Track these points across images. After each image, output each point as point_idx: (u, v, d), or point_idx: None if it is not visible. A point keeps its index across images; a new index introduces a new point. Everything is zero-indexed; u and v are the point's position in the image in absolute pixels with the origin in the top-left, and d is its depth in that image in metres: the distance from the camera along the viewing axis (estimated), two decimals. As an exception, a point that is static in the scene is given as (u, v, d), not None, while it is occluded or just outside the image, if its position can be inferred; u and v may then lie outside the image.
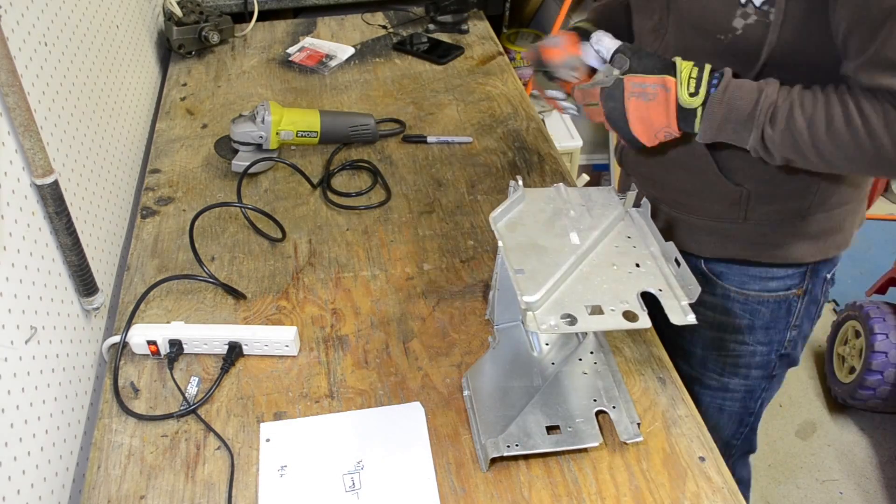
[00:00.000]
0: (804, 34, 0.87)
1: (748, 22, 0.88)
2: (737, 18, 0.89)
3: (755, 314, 1.15)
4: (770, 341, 1.18)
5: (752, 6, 0.87)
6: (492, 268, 1.17)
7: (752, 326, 1.17)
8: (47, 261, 0.98)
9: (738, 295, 1.14)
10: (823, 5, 0.84)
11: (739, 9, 0.88)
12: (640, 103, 0.92)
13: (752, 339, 1.18)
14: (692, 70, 0.90)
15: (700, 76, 0.89)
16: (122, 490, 0.89)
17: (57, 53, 1.13)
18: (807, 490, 2.01)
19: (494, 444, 0.88)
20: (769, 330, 1.17)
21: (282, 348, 1.03)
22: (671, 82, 0.90)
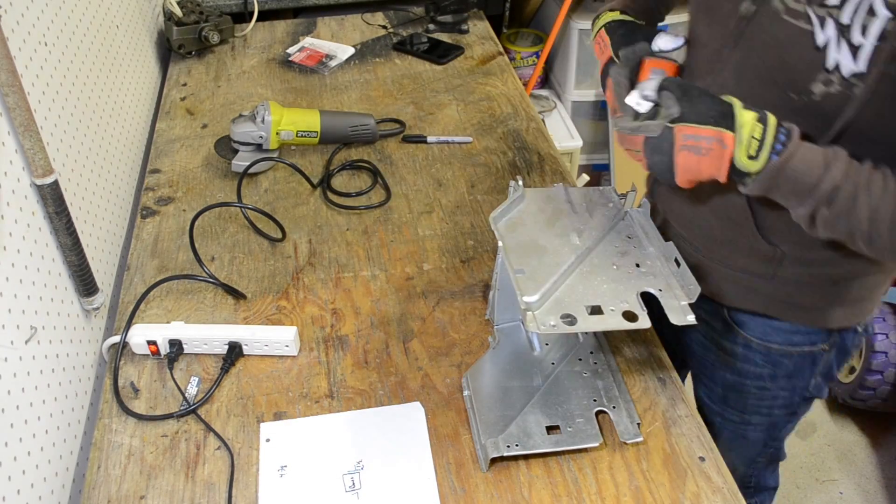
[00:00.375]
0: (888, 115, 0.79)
1: (829, 90, 0.79)
2: (817, 83, 0.79)
3: (777, 365, 1.09)
4: (793, 387, 1.12)
5: (839, 75, 0.77)
6: (492, 268, 1.17)
7: (775, 376, 1.10)
8: (47, 261, 0.98)
9: (760, 346, 1.08)
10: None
11: (823, 74, 0.79)
12: (690, 157, 0.81)
13: (774, 385, 1.12)
14: (755, 128, 0.78)
15: (763, 138, 0.78)
16: (122, 490, 0.89)
17: (57, 53, 1.13)
18: (807, 490, 2.01)
19: (494, 444, 0.88)
20: (792, 378, 1.11)
21: (282, 348, 1.03)
22: (729, 139, 0.78)
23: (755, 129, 0.78)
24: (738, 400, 1.15)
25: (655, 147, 0.82)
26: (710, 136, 0.79)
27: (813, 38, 0.78)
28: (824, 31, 0.77)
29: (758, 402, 1.15)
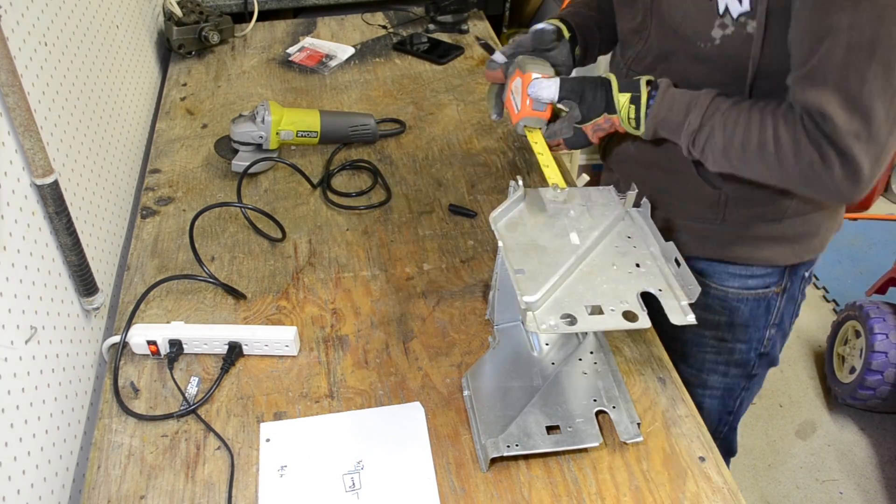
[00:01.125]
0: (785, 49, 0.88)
1: (726, 33, 0.90)
2: (715, 28, 0.90)
3: (734, 312, 1.16)
4: (749, 339, 1.19)
5: (730, 17, 0.89)
6: (492, 268, 1.17)
7: (732, 323, 1.17)
8: (47, 261, 0.98)
9: (718, 292, 1.15)
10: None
11: (718, 19, 0.90)
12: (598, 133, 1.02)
13: (731, 336, 1.19)
14: (629, 109, 0.97)
15: (637, 115, 0.97)
16: (122, 490, 0.89)
17: (57, 53, 1.13)
18: (807, 490, 2.01)
19: (494, 444, 0.88)
20: (748, 328, 1.18)
21: (282, 348, 1.03)
22: (616, 120, 0.99)
23: (630, 110, 0.97)
24: (697, 356, 1.21)
25: (574, 143, 1.03)
26: (604, 122, 0.99)
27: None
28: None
29: (715, 357, 1.21)
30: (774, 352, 1.23)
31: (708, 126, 0.92)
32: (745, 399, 1.29)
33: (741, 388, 1.26)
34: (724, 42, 0.91)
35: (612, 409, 0.94)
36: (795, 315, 1.21)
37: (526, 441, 0.89)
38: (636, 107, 0.96)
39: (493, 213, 0.94)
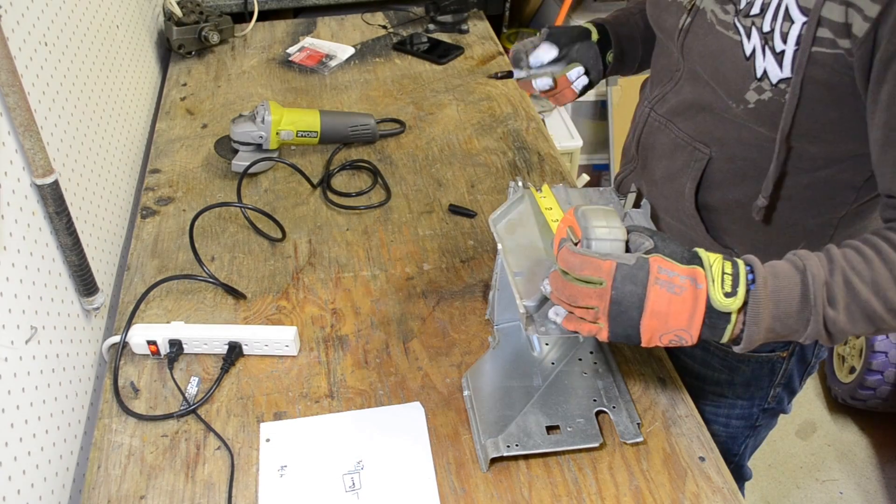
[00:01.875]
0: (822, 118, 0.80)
1: (762, 98, 0.81)
2: (750, 91, 0.81)
3: (735, 371, 1.09)
4: (751, 397, 1.11)
5: (768, 82, 0.79)
6: (492, 268, 1.17)
7: (732, 382, 1.10)
8: (47, 261, 0.98)
9: (718, 350, 1.08)
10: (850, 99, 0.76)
11: (754, 82, 0.80)
12: (662, 294, 0.70)
13: (732, 393, 1.12)
14: (724, 264, 0.71)
15: (736, 272, 0.71)
16: (122, 490, 0.89)
17: (57, 53, 1.13)
18: (807, 490, 2.01)
19: (494, 444, 0.88)
20: (750, 387, 1.10)
21: (282, 348, 1.03)
22: (702, 276, 0.70)
23: (725, 265, 0.72)
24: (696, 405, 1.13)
25: (629, 276, 0.70)
26: (682, 274, 0.70)
27: (742, 48, 0.81)
28: (751, 41, 0.80)
29: (715, 410, 1.14)
30: (781, 406, 1.14)
31: (839, 275, 0.71)
32: (751, 445, 1.21)
33: (745, 437, 1.19)
34: (758, 107, 0.82)
35: (612, 409, 0.94)
36: (809, 373, 1.11)
37: (526, 441, 0.89)
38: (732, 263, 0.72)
39: (493, 214, 0.94)
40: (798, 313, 0.71)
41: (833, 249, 0.73)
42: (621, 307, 0.71)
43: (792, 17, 0.75)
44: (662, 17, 0.95)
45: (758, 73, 0.79)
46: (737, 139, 0.89)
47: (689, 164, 0.95)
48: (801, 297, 0.70)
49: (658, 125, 1.00)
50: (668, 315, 0.70)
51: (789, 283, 0.71)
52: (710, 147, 0.92)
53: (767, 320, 0.71)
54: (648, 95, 1.02)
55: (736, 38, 0.81)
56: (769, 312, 0.70)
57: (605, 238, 0.74)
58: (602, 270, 0.71)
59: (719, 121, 0.89)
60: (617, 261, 0.71)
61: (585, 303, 0.72)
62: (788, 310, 0.71)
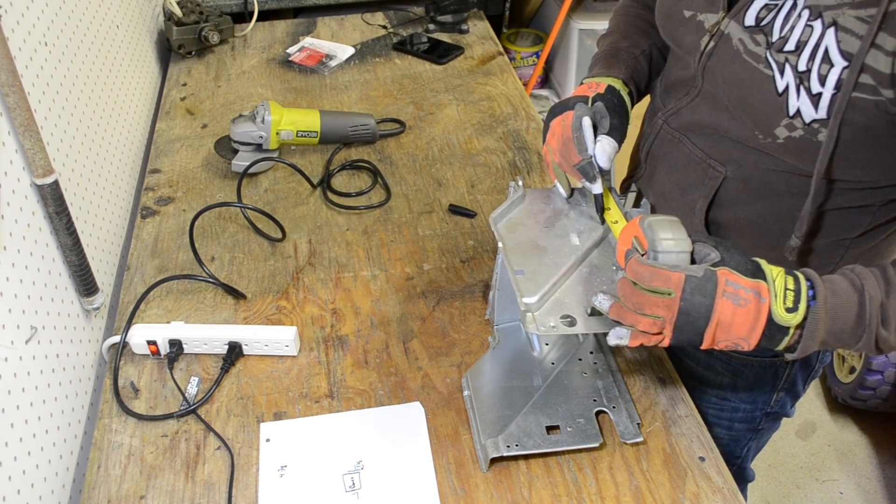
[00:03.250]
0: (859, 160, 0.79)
1: (792, 135, 0.79)
2: (780, 128, 0.79)
3: (738, 375, 1.08)
4: (754, 401, 1.11)
5: (801, 121, 0.77)
6: (492, 268, 1.17)
7: (735, 386, 1.10)
8: (47, 261, 0.98)
9: (721, 354, 1.07)
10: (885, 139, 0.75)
11: (785, 119, 0.78)
12: (728, 306, 0.71)
13: (734, 397, 1.11)
14: (787, 279, 0.73)
15: (798, 288, 0.73)
16: (122, 490, 0.89)
17: (57, 53, 1.13)
18: (807, 490, 2.01)
19: (494, 444, 0.88)
20: (753, 391, 1.10)
21: (282, 348, 1.03)
22: (765, 290, 0.72)
23: (788, 280, 0.73)
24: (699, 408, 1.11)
25: (698, 288, 0.71)
26: (748, 287, 0.72)
27: (774, 84, 0.78)
28: (784, 78, 0.77)
29: (718, 413, 1.14)
30: (784, 410, 1.14)
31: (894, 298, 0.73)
32: (753, 448, 1.21)
33: (748, 439, 1.18)
34: (787, 143, 0.80)
35: (612, 409, 0.94)
36: (812, 377, 1.11)
37: (526, 441, 0.89)
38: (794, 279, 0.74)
39: (493, 213, 0.94)
40: (853, 330, 0.73)
41: (890, 270, 0.74)
42: (689, 317, 0.72)
43: (832, 60, 0.73)
44: (679, 33, 0.92)
45: (790, 111, 0.78)
46: (755, 163, 0.87)
47: (702, 181, 0.93)
48: (858, 316, 0.73)
49: (671, 139, 0.98)
50: (731, 325, 0.72)
51: (847, 301, 0.73)
52: (725, 167, 0.90)
53: (822, 335, 0.73)
54: (661, 106, 1.00)
55: (767, 72, 0.79)
56: (825, 328, 0.73)
57: (673, 250, 0.74)
58: (671, 282, 0.72)
59: (738, 145, 0.87)
60: (686, 273, 0.72)
61: (652, 311, 0.73)
62: (844, 327, 0.73)
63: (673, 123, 0.97)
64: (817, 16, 0.75)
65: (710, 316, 0.72)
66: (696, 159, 0.94)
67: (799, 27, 0.76)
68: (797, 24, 0.76)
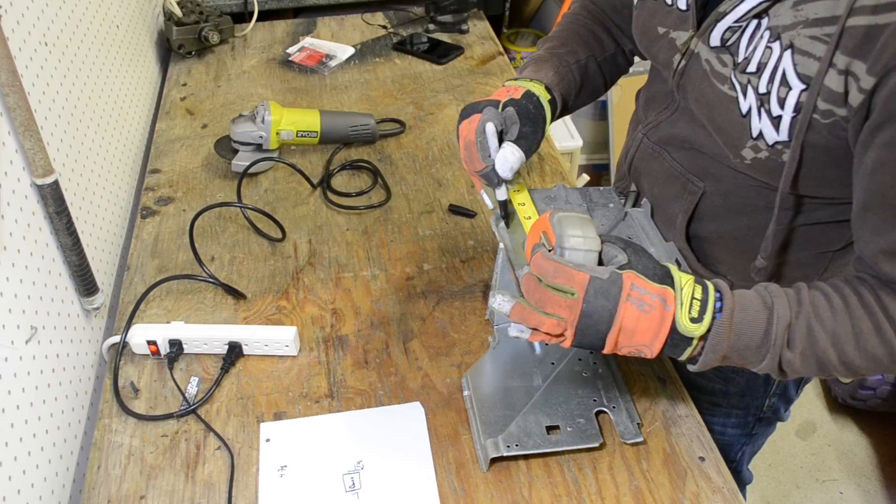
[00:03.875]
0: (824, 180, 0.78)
1: (758, 156, 0.79)
2: (746, 149, 0.79)
3: (729, 381, 1.07)
4: (746, 406, 1.10)
5: (765, 142, 0.77)
6: (492, 268, 1.17)
7: (727, 392, 1.08)
8: (47, 261, 0.98)
9: None
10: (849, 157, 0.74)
11: (750, 140, 0.78)
12: (632, 311, 0.70)
13: (727, 402, 1.10)
14: (695, 289, 0.72)
15: (705, 298, 0.72)
16: (122, 490, 0.89)
17: (57, 53, 1.13)
18: (807, 490, 2.01)
19: (494, 445, 0.88)
20: (745, 397, 1.08)
21: (282, 348, 1.03)
22: (671, 297, 0.71)
23: (696, 289, 0.72)
24: None
25: (602, 290, 0.70)
26: (654, 293, 0.71)
27: (738, 105, 0.78)
28: (746, 99, 0.77)
29: (710, 419, 1.11)
30: (778, 415, 1.12)
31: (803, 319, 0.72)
32: (748, 452, 1.20)
33: (741, 444, 1.17)
34: (754, 164, 0.79)
35: (612, 409, 0.94)
36: (806, 382, 1.11)
37: (526, 441, 0.89)
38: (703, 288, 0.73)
39: (494, 214, 0.94)
40: (757, 349, 0.73)
41: (803, 291, 0.74)
42: (591, 321, 0.70)
43: (790, 83, 0.73)
44: (654, 50, 0.91)
45: (753, 133, 0.77)
46: (732, 178, 0.86)
47: (681, 196, 0.92)
48: (764, 334, 0.72)
49: (651, 152, 0.96)
50: (635, 331, 0.71)
51: (755, 318, 0.72)
52: (703, 181, 0.89)
53: (725, 350, 0.72)
54: (643, 119, 0.99)
55: (732, 94, 0.78)
56: (728, 343, 0.72)
57: (580, 248, 0.72)
58: (575, 281, 0.70)
59: (715, 161, 0.86)
60: (591, 274, 0.70)
61: (554, 311, 0.71)
62: (749, 343, 0.72)
63: (652, 137, 0.96)
64: (776, 37, 0.73)
65: (612, 320, 0.70)
66: (676, 173, 0.92)
67: (760, 49, 0.75)
68: (759, 45, 0.75)
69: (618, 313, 0.70)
